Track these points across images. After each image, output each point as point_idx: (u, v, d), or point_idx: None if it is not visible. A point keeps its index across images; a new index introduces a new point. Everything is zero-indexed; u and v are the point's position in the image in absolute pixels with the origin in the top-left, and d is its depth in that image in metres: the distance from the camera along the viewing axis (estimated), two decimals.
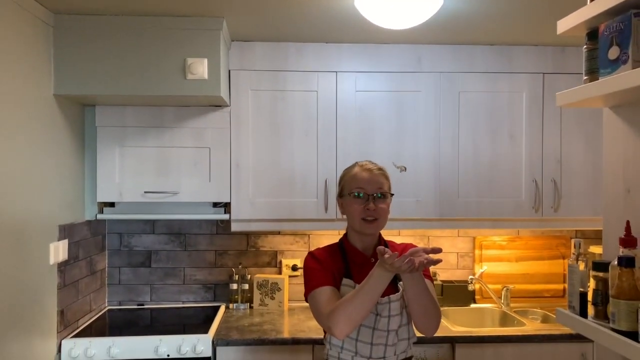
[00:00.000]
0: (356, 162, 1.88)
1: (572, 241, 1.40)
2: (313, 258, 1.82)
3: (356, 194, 1.78)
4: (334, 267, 1.79)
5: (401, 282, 1.73)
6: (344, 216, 1.88)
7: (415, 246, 1.91)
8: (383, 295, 1.66)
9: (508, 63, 2.82)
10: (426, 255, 1.52)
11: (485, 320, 3.04)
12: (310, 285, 1.76)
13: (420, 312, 1.70)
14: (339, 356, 1.77)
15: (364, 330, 1.72)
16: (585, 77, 1.36)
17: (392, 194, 1.84)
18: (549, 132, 2.84)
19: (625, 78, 1.15)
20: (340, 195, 1.87)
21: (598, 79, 1.29)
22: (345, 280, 1.77)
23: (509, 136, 2.83)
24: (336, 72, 2.77)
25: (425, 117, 2.80)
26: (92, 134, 2.74)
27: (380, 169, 1.84)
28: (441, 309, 2.95)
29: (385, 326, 1.72)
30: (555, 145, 2.84)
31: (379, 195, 1.78)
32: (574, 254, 1.43)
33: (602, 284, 1.34)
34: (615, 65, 1.22)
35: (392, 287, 1.73)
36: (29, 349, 2.17)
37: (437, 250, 1.54)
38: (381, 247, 1.53)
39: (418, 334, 1.83)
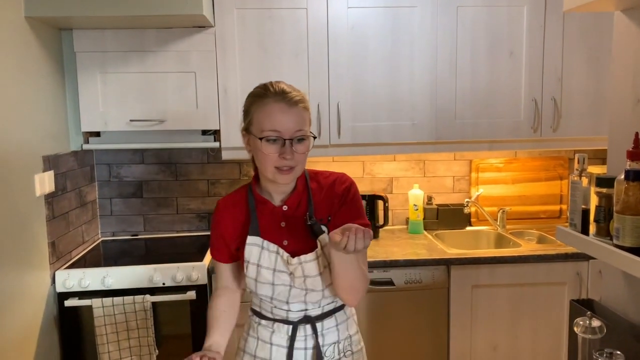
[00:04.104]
0: (266, 86, 1.42)
1: (576, 156, 1.33)
2: (215, 213, 1.55)
3: (272, 138, 1.37)
4: (234, 225, 1.52)
5: (321, 237, 1.46)
6: (251, 154, 1.49)
7: (346, 177, 1.56)
8: (297, 254, 1.45)
9: None
10: (357, 226, 1.25)
11: (481, 243, 3.04)
12: (211, 251, 1.58)
13: (345, 287, 1.44)
14: (260, 305, 1.56)
15: (280, 289, 1.47)
16: None
17: (315, 137, 1.47)
18: (550, 48, 2.71)
19: None
20: (247, 130, 1.45)
21: None
22: (250, 239, 1.48)
23: (509, 53, 2.70)
24: None
25: (421, 34, 2.65)
26: (71, 60, 2.60)
27: (301, 99, 1.41)
28: (437, 232, 2.99)
29: (301, 285, 1.46)
30: (557, 62, 2.72)
31: (299, 139, 1.40)
32: (577, 169, 1.37)
33: (606, 200, 1.29)
34: None
35: (309, 243, 1.47)
36: (23, 281, 2.14)
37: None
38: (334, 236, 1.26)
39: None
